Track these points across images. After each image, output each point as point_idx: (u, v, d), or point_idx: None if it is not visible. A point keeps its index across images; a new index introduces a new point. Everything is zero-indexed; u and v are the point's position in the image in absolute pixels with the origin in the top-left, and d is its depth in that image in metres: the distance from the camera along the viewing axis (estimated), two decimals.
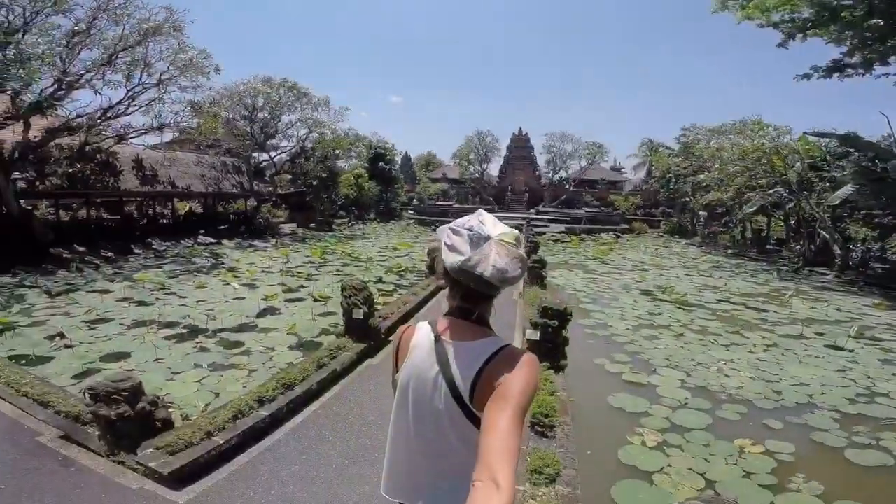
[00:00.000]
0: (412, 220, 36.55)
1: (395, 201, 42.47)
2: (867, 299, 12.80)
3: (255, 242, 20.17)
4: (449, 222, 1.32)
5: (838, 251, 19.46)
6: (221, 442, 3.69)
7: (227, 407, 4.09)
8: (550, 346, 4.85)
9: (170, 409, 4.21)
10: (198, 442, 3.57)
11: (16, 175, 16.18)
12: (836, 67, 17.34)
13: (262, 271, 12.98)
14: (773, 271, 18.32)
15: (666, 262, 19.10)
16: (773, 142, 22.26)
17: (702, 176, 27.45)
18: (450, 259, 1.20)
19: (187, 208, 26.72)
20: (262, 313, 8.44)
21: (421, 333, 1.32)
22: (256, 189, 24.80)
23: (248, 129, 23.97)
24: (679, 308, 10.47)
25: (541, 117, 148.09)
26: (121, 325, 7.57)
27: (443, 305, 1.33)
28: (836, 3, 14.12)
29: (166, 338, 7.00)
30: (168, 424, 3.76)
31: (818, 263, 19.95)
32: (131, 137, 18.41)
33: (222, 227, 23.53)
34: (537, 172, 49.93)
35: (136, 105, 17.92)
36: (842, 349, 7.76)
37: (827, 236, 20.37)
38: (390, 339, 6.06)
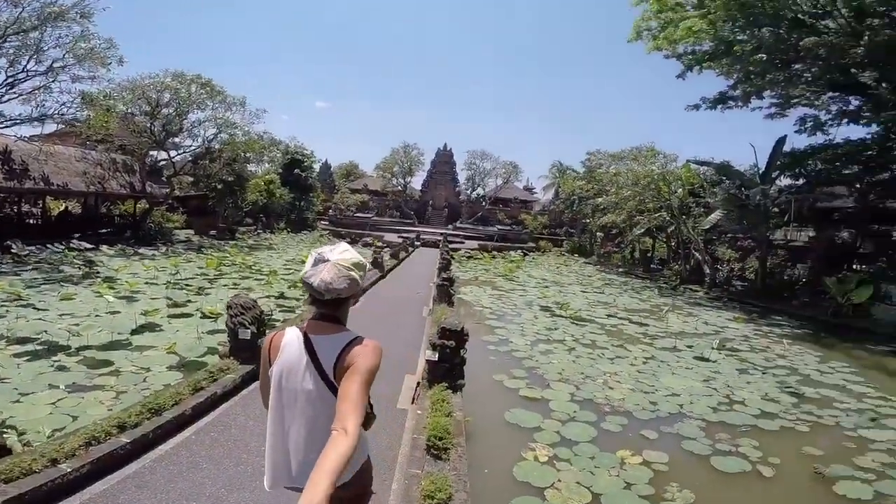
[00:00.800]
0: (326, 232, 35.32)
1: (309, 211, 40.79)
2: (729, 313, 14.78)
3: (143, 250, 18.05)
4: (367, 235, 1.87)
5: (707, 270, 22.35)
6: (69, 469, 3.20)
7: (79, 433, 3.54)
8: (448, 367, 4.86)
9: (5, 435, 3.58)
10: (39, 470, 3.06)
11: None
12: (721, 99, 19.66)
13: (146, 283, 11.60)
14: (655, 289, 20.47)
15: (565, 280, 20.47)
16: (661, 168, 25.15)
17: (600, 199, 30.05)
18: (300, 273, 1.63)
19: (63, 208, 23.27)
20: (138, 330, 7.49)
21: (290, 334, 1.65)
22: (150, 191, 22.30)
23: (149, 126, 21.56)
24: (573, 323, 11.21)
25: (465, 134, 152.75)
26: None
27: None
28: (732, 37, 16.19)
29: (16, 355, 5.98)
30: (4, 451, 3.20)
31: (692, 281, 22.70)
32: (2, 127, 15.79)
33: (105, 230, 20.80)
34: (457, 189, 51.26)
35: (14, 92, 15.60)
36: (707, 360, 8.80)
37: (699, 257, 23.34)
38: None
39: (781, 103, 17.84)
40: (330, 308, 1.62)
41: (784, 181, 21.23)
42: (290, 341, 1.62)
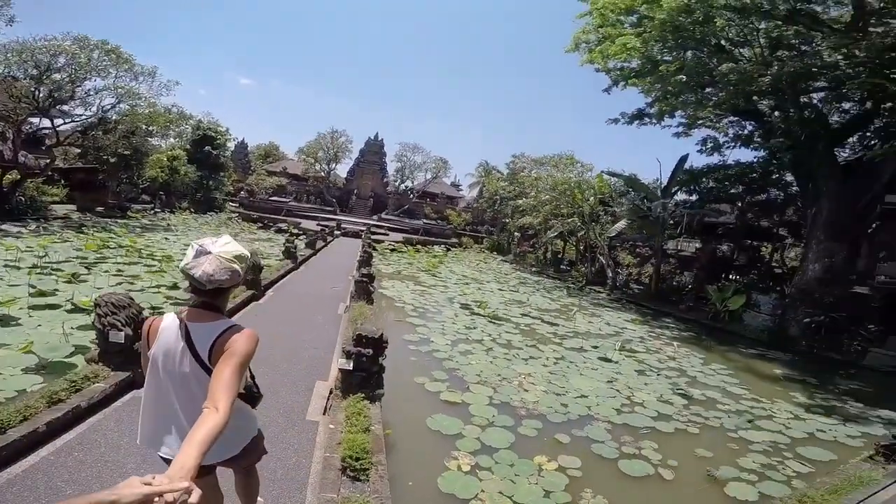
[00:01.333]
0: (235, 215, 32.64)
1: (217, 191, 37.38)
2: (627, 315, 16.07)
3: (6, 226, 15.21)
4: (282, 221, 3.28)
5: (610, 274, 24.22)
6: None
7: None
8: (365, 376, 4.54)
9: None
10: None
11: None
12: (639, 116, 20.84)
13: (3, 266, 9.70)
14: (564, 289, 21.72)
15: (484, 277, 20.94)
16: (578, 177, 26.68)
17: (520, 201, 31.18)
18: (181, 264, 1.74)
19: None
20: None
21: (168, 320, 1.80)
22: (23, 161, 18.82)
23: (33, 91, 18.22)
24: (491, 322, 11.41)
25: (397, 126, 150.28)
26: None
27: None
28: (659, 57, 17.34)
29: None
30: None
31: (596, 283, 24.46)
32: None
33: None
34: (385, 179, 50.24)
35: None
36: (610, 360, 9.39)
37: (604, 261, 25.19)
38: None
39: (689, 123, 19.57)
40: (210, 297, 1.76)
41: (681, 196, 23.57)
42: (167, 326, 1.78)
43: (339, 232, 27.80)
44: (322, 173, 45.67)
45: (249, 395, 2.00)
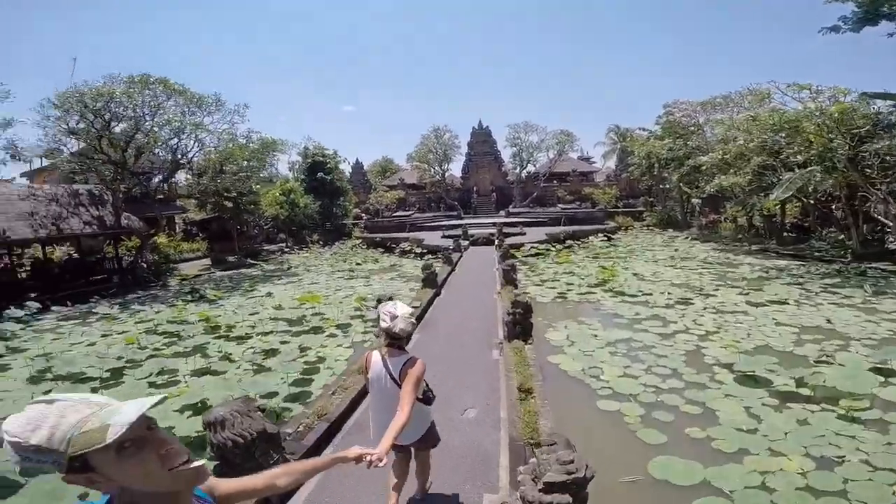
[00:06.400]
0: (359, 241, 30.16)
1: (344, 217, 35.92)
2: None
3: (121, 300, 13.72)
4: (404, 239, 21.42)
5: None
6: None
7: None
8: None
9: None
10: None
11: None
12: (870, 16, 14.23)
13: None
14: (832, 273, 13.33)
15: (695, 276, 13.71)
16: (809, 108, 17.29)
17: (704, 158, 22.44)
18: (382, 326, 2.93)
19: (49, 257, 19.53)
20: None
21: (376, 355, 3.00)
22: (126, 224, 17.85)
23: (123, 149, 17.25)
24: (847, 418, 4.81)
25: (498, 110, 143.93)
26: None
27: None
28: None
29: None
30: None
31: (870, 257, 15.20)
32: None
33: (80, 281, 16.61)
34: (503, 169, 44.57)
35: None
36: None
37: (887, 221, 15.60)
38: None
39: None
40: (399, 341, 2.94)
41: None
42: (376, 360, 2.98)
43: (466, 242, 22.85)
44: (437, 176, 41.74)
45: (426, 398, 3.00)
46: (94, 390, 6.26)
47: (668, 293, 11.55)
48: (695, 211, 30.37)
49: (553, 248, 21.06)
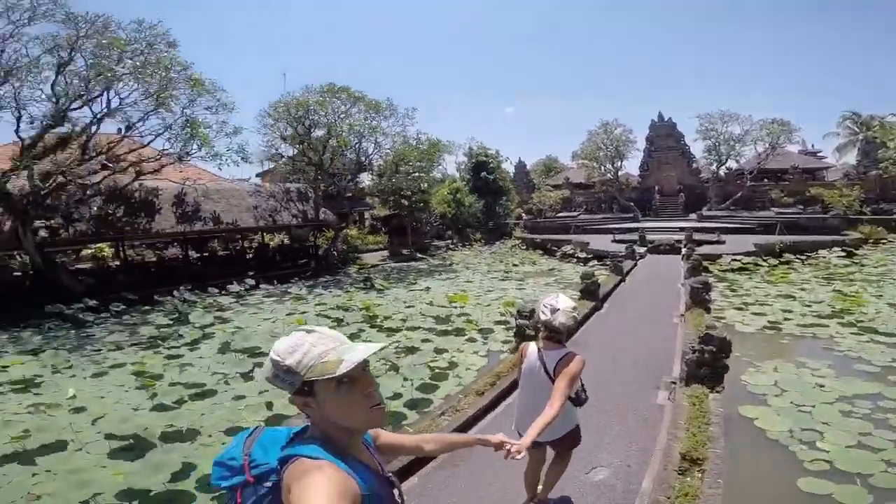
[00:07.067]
0: (519, 241, 29.40)
1: (506, 216, 35.80)
2: None
3: (312, 283, 16.09)
4: (566, 242, 21.91)
5: None
6: None
7: None
8: None
9: None
10: None
11: (38, 223, 14.24)
12: None
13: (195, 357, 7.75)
14: None
15: None
16: None
17: None
18: (541, 318, 2.83)
19: (269, 243, 24.19)
20: None
21: (532, 347, 2.95)
22: (323, 217, 20.68)
23: (321, 154, 20.25)
24: None
25: (681, 100, 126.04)
26: None
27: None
28: None
29: None
30: None
31: None
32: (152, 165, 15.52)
33: (290, 264, 19.94)
34: (694, 165, 38.34)
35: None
36: None
37: None
38: None
39: None
40: (557, 335, 2.79)
41: None
42: (532, 351, 2.91)
43: (643, 249, 19.94)
44: (609, 175, 38.01)
45: (577, 398, 2.85)
46: (257, 365, 6.93)
47: None
48: None
49: (764, 263, 16.72)
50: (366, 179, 29.38)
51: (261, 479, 1.04)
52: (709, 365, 5.06)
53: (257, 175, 34.44)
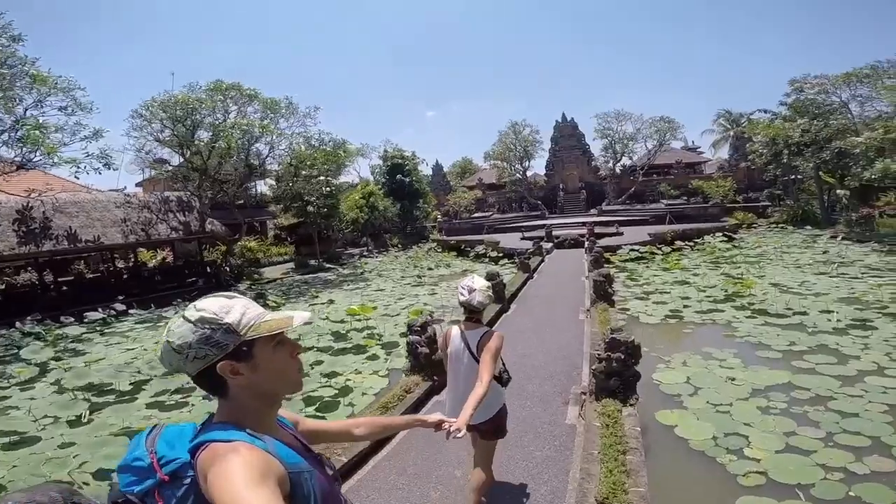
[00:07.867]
0: (434, 244, 28.94)
1: (424, 219, 35.19)
2: None
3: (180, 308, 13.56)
4: (479, 242, 21.26)
5: None
6: None
7: None
8: None
9: None
10: None
11: None
12: None
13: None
14: None
15: (866, 288, 10.03)
16: None
17: (858, 139, 17.62)
18: (460, 299, 2.85)
19: (145, 262, 21.01)
20: None
21: (455, 330, 2.95)
22: (210, 229, 18.32)
23: (190, 154, 17.72)
24: None
25: (583, 101, 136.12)
26: None
27: None
28: None
29: None
30: None
31: None
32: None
33: (172, 284, 17.33)
34: (593, 163, 40.73)
35: None
36: None
37: None
38: None
39: None
40: (477, 314, 2.86)
41: None
42: (455, 334, 2.92)
43: (550, 244, 20.35)
44: (518, 175, 39.16)
45: (500, 378, 2.85)
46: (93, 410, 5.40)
47: (835, 312, 8.34)
48: (840, 204, 24.62)
49: (659, 251, 17.78)
50: (265, 186, 27.00)
51: (177, 477, 0.89)
52: (618, 374, 4.59)
53: (137, 185, 30.34)
